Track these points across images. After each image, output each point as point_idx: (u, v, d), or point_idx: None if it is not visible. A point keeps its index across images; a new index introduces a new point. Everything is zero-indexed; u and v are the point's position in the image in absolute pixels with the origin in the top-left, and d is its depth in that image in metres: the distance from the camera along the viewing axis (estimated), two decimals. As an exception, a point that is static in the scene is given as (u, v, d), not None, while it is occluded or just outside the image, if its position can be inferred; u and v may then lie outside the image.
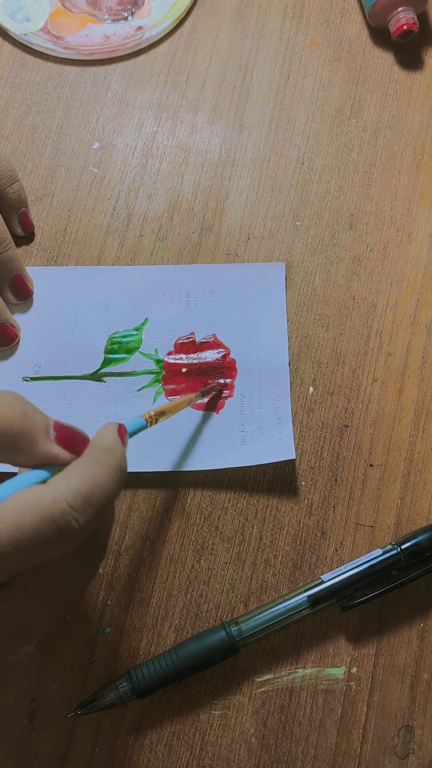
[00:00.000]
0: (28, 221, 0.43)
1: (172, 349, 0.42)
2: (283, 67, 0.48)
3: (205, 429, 0.40)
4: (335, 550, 0.39)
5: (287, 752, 0.37)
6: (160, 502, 0.40)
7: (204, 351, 0.42)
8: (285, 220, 0.45)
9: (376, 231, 0.45)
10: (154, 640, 0.38)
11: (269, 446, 0.40)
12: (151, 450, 0.40)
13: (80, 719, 0.37)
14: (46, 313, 0.42)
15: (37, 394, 0.41)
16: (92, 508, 0.25)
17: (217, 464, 0.40)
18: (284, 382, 0.41)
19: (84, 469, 0.26)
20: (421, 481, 0.41)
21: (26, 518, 0.23)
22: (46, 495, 0.24)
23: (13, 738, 0.36)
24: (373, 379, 0.42)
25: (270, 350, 0.42)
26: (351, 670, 0.38)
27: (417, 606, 0.39)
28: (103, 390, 0.41)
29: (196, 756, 0.37)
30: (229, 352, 0.42)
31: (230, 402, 0.41)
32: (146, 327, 0.42)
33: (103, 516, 0.26)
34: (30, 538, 0.23)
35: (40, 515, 0.23)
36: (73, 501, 0.24)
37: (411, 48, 0.49)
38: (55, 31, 0.48)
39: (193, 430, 0.40)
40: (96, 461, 0.26)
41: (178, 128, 0.46)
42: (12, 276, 0.41)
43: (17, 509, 0.23)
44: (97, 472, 0.26)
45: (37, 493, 0.24)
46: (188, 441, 0.40)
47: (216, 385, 0.41)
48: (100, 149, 0.46)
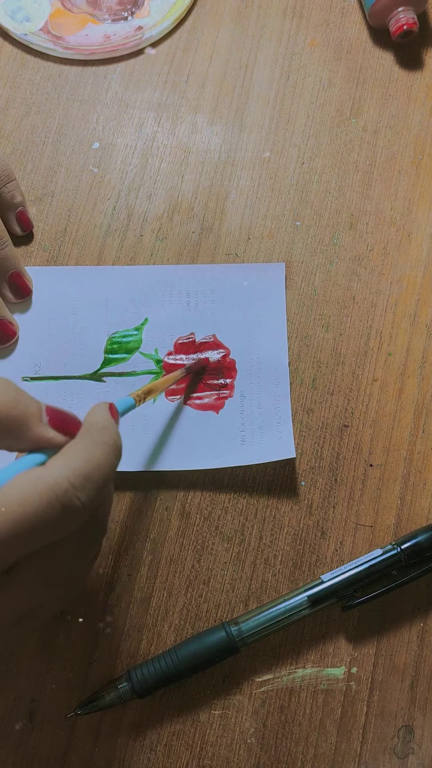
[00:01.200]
0: (26, 220, 0.43)
1: (172, 350, 0.42)
2: (283, 67, 0.48)
3: (205, 429, 0.40)
4: (335, 550, 0.39)
5: (287, 752, 0.37)
6: (160, 502, 0.40)
7: (204, 351, 0.42)
8: (285, 220, 0.45)
9: (376, 231, 0.45)
10: (154, 640, 0.38)
11: (269, 445, 0.40)
12: (151, 450, 0.40)
13: (80, 719, 0.37)
14: (46, 312, 0.42)
15: (37, 394, 0.41)
16: (93, 485, 0.25)
17: (217, 464, 0.40)
18: (284, 382, 0.41)
19: (81, 448, 0.26)
20: (421, 481, 0.41)
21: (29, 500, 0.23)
22: (47, 476, 0.24)
23: (13, 738, 0.36)
24: (373, 379, 0.42)
25: (270, 350, 0.42)
26: (351, 670, 0.38)
27: (417, 606, 0.39)
28: (103, 390, 0.41)
29: (196, 756, 0.37)
30: (229, 352, 0.42)
31: (230, 402, 0.41)
32: (146, 327, 0.42)
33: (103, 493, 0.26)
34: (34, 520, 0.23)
35: (43, 496, 0.23)
36: (74, 480, 0.24)
37: (411, 48, 0.49)
38: (55, 31, 0.48)
39: (193, 430, 0.40)
40: (92, 440, 0.26)
41: (178, 128, 0.46)
42: (10, 274, 0.41)
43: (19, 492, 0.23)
44: (95, 450, 0.26)
45: (38, 475, 0.24)
46: (188, 441, 0.40)
47: (198, 361, 0.41)
48: (100, 149, 0.46)
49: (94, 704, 0.35)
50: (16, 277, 0.41)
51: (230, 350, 0.42)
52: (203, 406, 0.41)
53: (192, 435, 0.40)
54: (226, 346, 0.42)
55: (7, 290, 0.41)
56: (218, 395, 0.41)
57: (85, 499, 0.25)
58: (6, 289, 0.41)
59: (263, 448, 0.40)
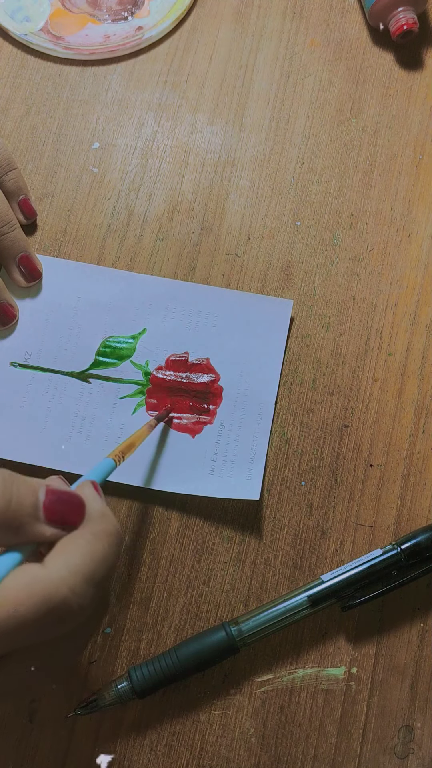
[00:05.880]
0: (29, 207, 0.43)
1: (163, 365, 0.42)
2: (283, 67, 0.48)
3: (178, 451, 0.40)
4: (335, 550, 0.39)
5: (287, 752, 0.37)
6: (160, 502, 0.40)
7: (194, 372, 0.41)
8: (285, 220, 0.45)
9: (376, 231, 0.45)
10: (154, 640, 0.38)
11: (236, 482, 0.39)
12: (126, 463, 0.39)
13: (80, 719, 0.37)
14: (48, 303, 0.42)
15: (21, 382, 0.41)
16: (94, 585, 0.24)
17: (182, 489, 0.39)
18: (266, 419, 0.41)
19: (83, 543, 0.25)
20: (421, 481, 0.41)
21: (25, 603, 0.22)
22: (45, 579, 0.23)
23: (13, 738, 0.36)
24: (373, 379, 0.42)
25: (259, 384, 0.41)
26: (351, 670, 0.38)
27: (417, 606, 0.39)
28: (86, 390, 0.41)
29: (196, 756, 0.37)
30: (218, 378, 0.41)
31: (208, 429, 0.41)
32: (143, 337, 0.42)
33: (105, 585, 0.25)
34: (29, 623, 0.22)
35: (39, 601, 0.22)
36: (74, 584, 0.23)
37: (411, 48, 0.49)
38: (55, 31, 0.48)
39: (165, 450, 0.40)
40: (92, 532, 0.25)
41: (178, 128, 0.46)
42: (20, 256, 0.41)
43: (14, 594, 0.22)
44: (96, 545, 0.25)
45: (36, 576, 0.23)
46: (159, 460, 0.40)
47: (165, 411, 0.40)
48: (100, 149, 0.46)
49: (94, 704, 0.35)
50: (26, 260, 0.41)
51: (220, 376, 0.41)
52: (181, 427, 0.41)
53: (163, 455, 0.40)
54: (217, 371, 0.41)
55: (17, 273, 0.42)
56: (198, 419, 0.41)
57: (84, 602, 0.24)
58: (16, 272, 0.42)
59: (230, 483, 0.39)
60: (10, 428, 0.40)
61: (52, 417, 0.41)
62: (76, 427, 0.40)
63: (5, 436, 0.40)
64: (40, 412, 0.41)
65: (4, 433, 0.40)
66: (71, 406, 0.41)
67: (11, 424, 0.40)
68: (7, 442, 0.40)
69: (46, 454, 0.40)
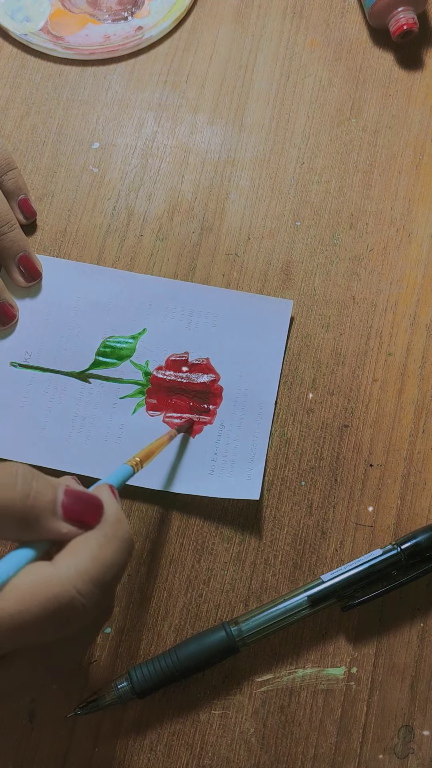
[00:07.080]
0: (29, 207, 0.43)
1: (163, 365, 0.42)
2: (283, 67, 0.48)
3: (178, 452, 0.40)
4: (335, 550, 0.39)
5: (287, 752, 0.37)
6: (160, 502, 0.40)
7: (194, 372, 0.41)
8: (285, 220, 0.45)
9: (376, 231, 0.45)
10: (153, 640, 0.38)
11: (236, 482, 0.39)
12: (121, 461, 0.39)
13: (80, 719, 0.37)
14: (48, 303, 0.42)
15: (21, 382, 0.41)
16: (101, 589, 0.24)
17: (182, 489, 0.39)
18: (266, 419, 0.41)
19: (94, 546, 0.25)
20: (421, 481, 0.41)
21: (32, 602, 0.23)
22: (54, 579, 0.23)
23: (13, 738, 0.36)
24: (373, 379, 0.42)
25: (259, 384, 0.41)
26: (351, 670, 0.38)
27: (417, 606, 0.39)
28: (86, 390, 0.41)
29: (196, 756, 0.37)
30: (218, 378, 0.41)
31: (208, 429, 0.41)
32: (143, 337, 0.42)
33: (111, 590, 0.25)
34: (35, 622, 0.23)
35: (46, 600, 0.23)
36: (82, 586, 0.23)
37: (411, 48, 0.49)
38: (55, 31, 0.48)
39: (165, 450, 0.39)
40: (105, 535, 0.25)
41: (178, 128, 0.46)
42: (19, 256, 0.41)
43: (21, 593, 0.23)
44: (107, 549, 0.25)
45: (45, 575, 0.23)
46: (159, 460, 0.39)
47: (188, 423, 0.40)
48: (100, 149, 0.46)
49: (94, 704, 0.35)
50: (26, 260, 0.41)
51: (220, 376, 0.41)
52: None
53: (163, 455, 0.40)
54: (217, 371, 0.41)
55: (16, 273, 0.42)
56: (198, 419, 0.41)
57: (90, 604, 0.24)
58: (16, 272, 0.42)
59: (230, 483, 0.39)
60: (10, 428, 0.40)
61: (52, 417, 0.41)
62: (76, 427, 0.40)
63: (5, 436, 0.40)
64: (40, 412, 0.41)
65: (4, 433, 0.40)
66: (71, 406, 0.41)
67: (11, 424, 0.40)
68: (7, 442, 0.40)
69: (46, 454, 0.40)
